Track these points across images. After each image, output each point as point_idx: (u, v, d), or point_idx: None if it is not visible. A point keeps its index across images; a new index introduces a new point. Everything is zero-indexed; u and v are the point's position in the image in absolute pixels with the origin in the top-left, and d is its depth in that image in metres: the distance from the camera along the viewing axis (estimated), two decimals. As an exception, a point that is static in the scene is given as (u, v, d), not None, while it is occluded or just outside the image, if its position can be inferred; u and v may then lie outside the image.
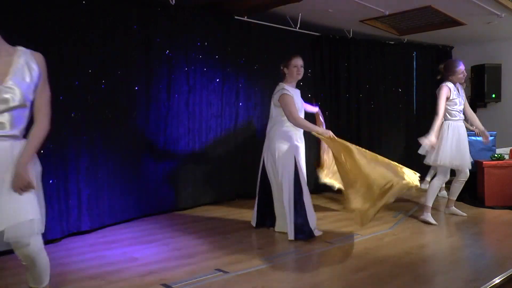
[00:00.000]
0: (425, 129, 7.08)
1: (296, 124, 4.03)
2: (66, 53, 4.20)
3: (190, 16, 5.23)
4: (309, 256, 3.50)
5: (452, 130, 4.74)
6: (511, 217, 4.94)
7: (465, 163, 4.77)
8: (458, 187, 4.98)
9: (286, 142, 4.11)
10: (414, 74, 7.55)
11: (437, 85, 4.96)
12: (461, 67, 4.74)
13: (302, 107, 4.24)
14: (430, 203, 4.78)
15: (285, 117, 4.05)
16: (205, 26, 5.37)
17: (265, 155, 4.22)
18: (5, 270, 3.11)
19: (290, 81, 4.20)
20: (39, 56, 2.29)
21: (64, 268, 3.18)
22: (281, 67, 4.25)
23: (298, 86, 4.36)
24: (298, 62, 4.17)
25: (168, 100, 5.10)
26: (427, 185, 5.94)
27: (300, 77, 4.22)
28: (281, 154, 4.08)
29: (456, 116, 4.80)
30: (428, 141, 4.57)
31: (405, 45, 7.38)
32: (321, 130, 4.05)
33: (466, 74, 4.89)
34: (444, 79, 4.80)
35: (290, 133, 4.13)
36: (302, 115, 4.17)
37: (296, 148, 4.14)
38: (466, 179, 4.94)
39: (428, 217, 4.71)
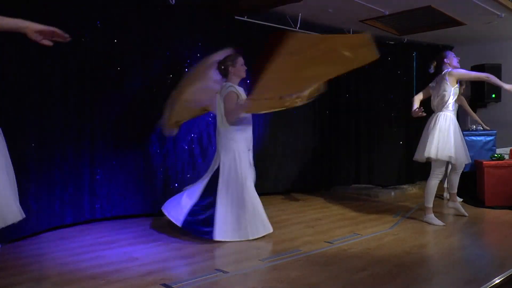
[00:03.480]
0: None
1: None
2: (66, 52, 4.21)
3: (190, 16, 5.23)
4: (309, 256, 3.50)
5: (445, 121, 4.63)
6: (511, 217, 4.94)
7: (461, 155, 4.60)
8: (455, 179, 4.91)
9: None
10: (414, 74, 7.55)
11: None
12: (451, 53, 4.84)
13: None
14: (429, 204, 4.67)
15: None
16: (205, 26, 5.37)
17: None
18: (5, 270, 3.11)
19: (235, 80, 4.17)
20: None
21: (64, 268, 3.18)
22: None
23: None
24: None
25: (168, 100, 5.10)
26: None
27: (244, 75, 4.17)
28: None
29: (449, 107, 4.70)
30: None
31: (405, 45, 7.38)
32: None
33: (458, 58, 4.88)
34: (443, 69, 4.78)
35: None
36: None
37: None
38: (462, 170, 4.88)
39: (431, 218, 4.62)
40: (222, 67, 4.15)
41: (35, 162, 3.98)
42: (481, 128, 6.32)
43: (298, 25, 6.24)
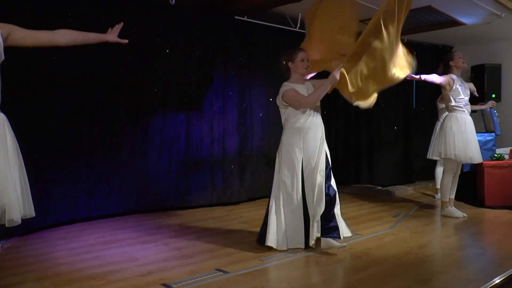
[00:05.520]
0: (424, 129, 7.20)
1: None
2: (65, 52, 4.21)
3: (190, 16, 5.23)
4: (309, 256, 3.50)
5: (457, 122, 4.76)
6: (511, 217, 4.94)
7: (474, 156, 4.78)
8: (454, 182, 4.99)
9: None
10: (414, 74, 7.53)
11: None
12: (458, 52, 4.94)
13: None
14: (446, 198, 4.94)
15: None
16: (205, 26, 5.37)
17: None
18: (5, 270, 3.11)
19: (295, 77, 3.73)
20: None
21: (64, 268, 3.18)
22: (284, 62, 3.73)
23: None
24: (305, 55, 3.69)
25: (167, 100, 5.10)
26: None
27: (307, 71, 3.74)
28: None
29: (461, 108, 4.82)
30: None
31: (405, 45, 7.36)
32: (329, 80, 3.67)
33: (464, 58, 4.92)
34: (446, 71, 4.88)
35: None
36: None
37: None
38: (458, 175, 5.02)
39: (449, 211, 4.89)
40: (283, 62, 3.73)
41: (32, 159, 3.98)
42: (497, 119, 6.25)
43: (298, 25, 6.24)
